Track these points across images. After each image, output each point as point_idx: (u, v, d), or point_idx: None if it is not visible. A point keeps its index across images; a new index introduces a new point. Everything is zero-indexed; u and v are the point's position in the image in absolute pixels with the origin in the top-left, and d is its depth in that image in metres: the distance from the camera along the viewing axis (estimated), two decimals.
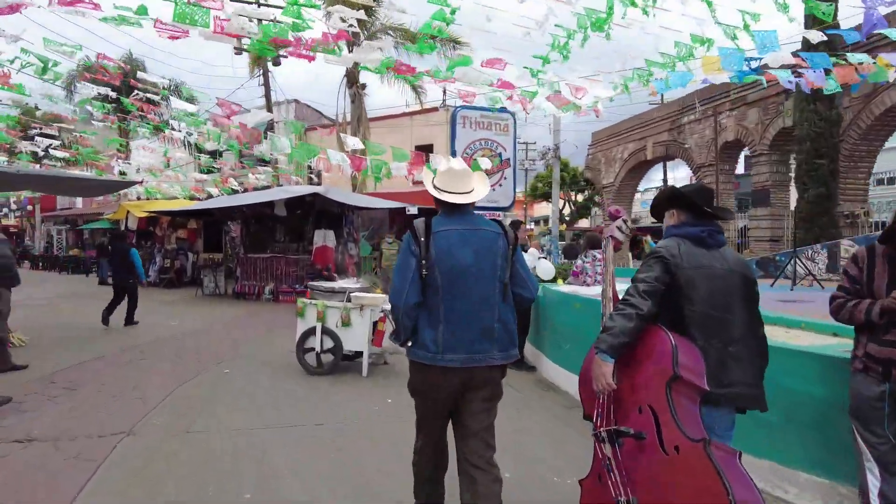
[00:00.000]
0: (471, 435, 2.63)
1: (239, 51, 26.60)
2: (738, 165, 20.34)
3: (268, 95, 26.27)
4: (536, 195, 28.09)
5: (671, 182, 36.78)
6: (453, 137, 22.25)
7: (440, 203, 2.75)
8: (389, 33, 18.78)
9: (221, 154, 23.55)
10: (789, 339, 4.00)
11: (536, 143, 31.46)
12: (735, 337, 2.32)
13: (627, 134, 23.61)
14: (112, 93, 12.93)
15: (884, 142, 14.33)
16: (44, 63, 7.76)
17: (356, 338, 6.31)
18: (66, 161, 19.90)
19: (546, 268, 7.42)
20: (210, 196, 20.08)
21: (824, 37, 5.92)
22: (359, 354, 6.48)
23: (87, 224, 30.69)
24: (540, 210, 40.75)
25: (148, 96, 12.52)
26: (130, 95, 14.19)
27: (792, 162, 15.37)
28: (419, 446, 2.79)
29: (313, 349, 6.40)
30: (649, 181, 30.35)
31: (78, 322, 9.98)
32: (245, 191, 19.36)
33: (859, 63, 5.75)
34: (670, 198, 2.63)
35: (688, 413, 2.16)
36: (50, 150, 19.33)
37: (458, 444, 2.67)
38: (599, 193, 25.84)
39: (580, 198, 30.35)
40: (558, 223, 25.43)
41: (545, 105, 11.43)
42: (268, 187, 17.77)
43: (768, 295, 5.63)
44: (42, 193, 9.59)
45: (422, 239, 2.55)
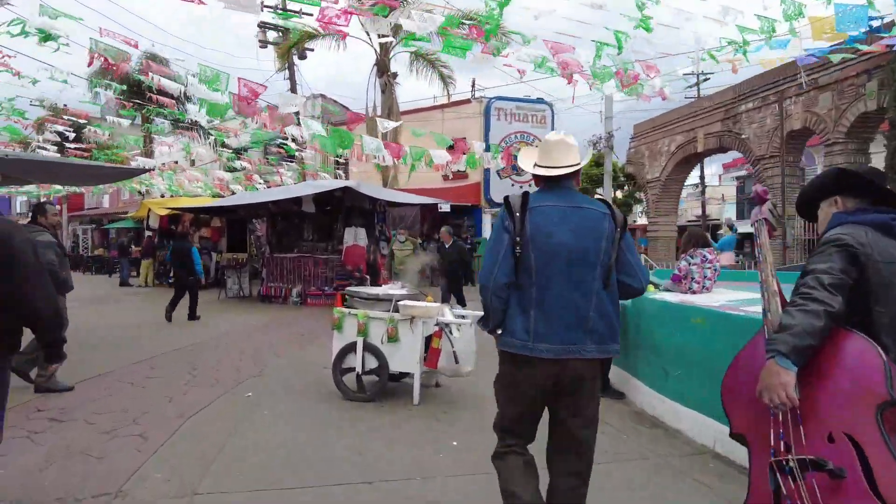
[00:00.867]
0: (559, 449, 2.49)
1: (264, 44, 25.96)
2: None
3: (294, 90, 25.43)
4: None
5: (708, 178, 34.97)
6: (487, 130, 21.05)
7: (538, 178, 2.55)
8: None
9: (246, 150, 22.77)
10: None
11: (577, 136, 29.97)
12: None
13: (674, 125, 22.06)
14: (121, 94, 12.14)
15: None
16: (43, 33, 6.82)
17: (405, 356, 5.13)
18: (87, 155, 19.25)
19: None
20: (234, 194, 19.27)
21: None
22: (404, 375, 5.33)
23: (112, 223, 30.27)
24: None
25: (162, 87, 11.68)
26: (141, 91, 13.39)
27: (874, 151, 13.78)
28: (502, 453, 2.51)
29: (353, 369, 5.25)
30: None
31: (91, 328, 9.01)
32: (269, 188, 18.47)
33: None
34: (838, 179, 2.25)
35: None
36: (66, 146, 18.72)
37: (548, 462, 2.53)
38: (643, 189, 24.32)
39: (619, 194, 28.74)
40: None
41: (608, 87, 10.24)
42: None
43: None
44: (46, 183, 8.66)
45: (517, 214, 2.38)
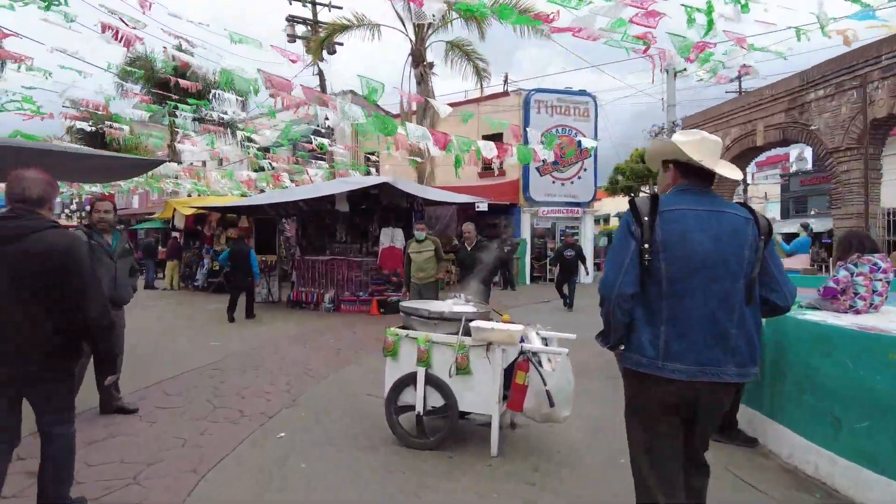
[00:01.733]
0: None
1: (292, 38, 25.18)
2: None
3: (322, 86, 24.58)
4: (618, 188, 25.23)
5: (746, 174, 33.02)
6: (526, 124, 19.81)
7: (682, 174, 2.30)
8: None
9: (273, 150, 21.93)
10: None
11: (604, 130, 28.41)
12: None
13: (730, 117, 20.52)
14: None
15: None
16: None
17: (479, 394, 3.99)
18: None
19: None
20: (262, 193, 18.42)
21: None
22: (460, 414, 4.20)
23: (140, 224, 29.85)
24: (611, 206, 37.51)
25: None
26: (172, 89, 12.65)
27: None
28: (647, 484, 2.25)
29: (412, 408, 4.14)
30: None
31: None
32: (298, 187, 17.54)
33: None
34: None
35: None
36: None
37: None
38: None
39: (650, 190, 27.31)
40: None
41: (678, 63, 8.96)
42: None
43: None
44: (58, 180, 7.80)
45: (645, 219, 2.17)
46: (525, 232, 20.89)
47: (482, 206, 19.76)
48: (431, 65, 17.20)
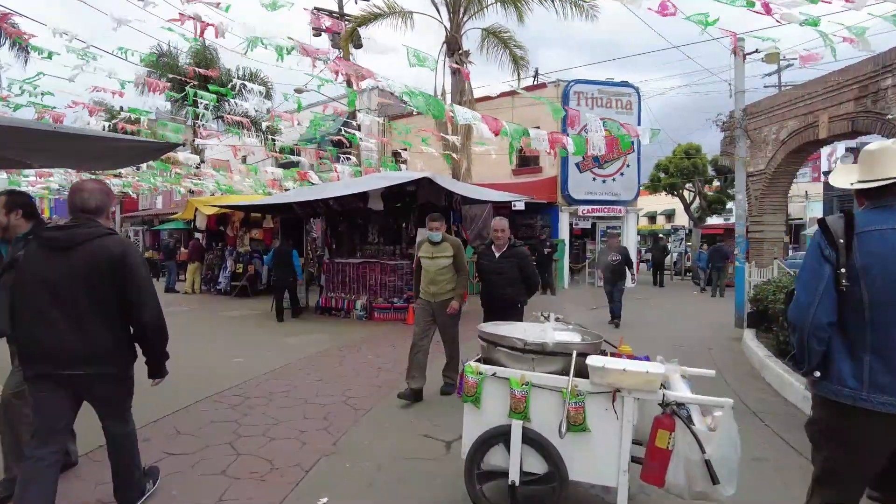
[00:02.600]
0: None
1: (318, 32, 24.27)
2: None
3: (349, 83, 23.63)
4: (660, 186, 23.77)
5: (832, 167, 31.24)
6: (566, 117, 18.61)
7: (865, 193, 2.21)
8: None
9: (299, 152, 21.02)
10: None
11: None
12: None
13: (787, 108, 19.01)
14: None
15: None
16: None
17: (600, 458, 2.86)
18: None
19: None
20: (287, 191, 17.50)
21: None
22: (554, 480, 3.06)
23: (163, 224, 29.31)
24: (654, 204, 35.73)
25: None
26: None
27: None
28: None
29: (503, 474, 3.03)
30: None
31: None
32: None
33: None
34: None
35: None
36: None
37: None
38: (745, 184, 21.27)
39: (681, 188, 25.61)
40: (689, 218, 21.01)
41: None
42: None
43: None
44: (46, 165, 6.87)
45: (840, 241, 2.08)
46: (563, 232, 19.65)
47: (518, 205, 18.60)
48: (467, 53, 16.08)
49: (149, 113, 12.99)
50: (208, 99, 13.56)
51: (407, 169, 21.74)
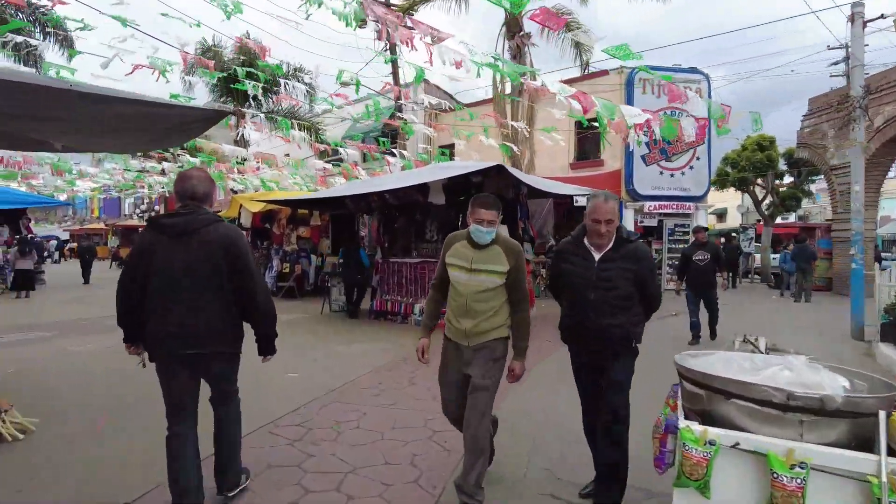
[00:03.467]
0: None
1: (363, 22, 23.39)
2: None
3: (395, 73, 22.76)
4: (728, 182, 21.96)
5: None
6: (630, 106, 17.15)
7: None
8: None
9: (349, 139, 20.17)
10: None
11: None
12: None
13: (880, 95, 17.13)
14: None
15: None
16: None
17: None
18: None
19: None
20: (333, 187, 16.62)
21: None
22: None
23: None
24: (727, 201, 33.42)
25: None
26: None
27: None
28: None
29: None
30: None
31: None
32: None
33: None
34: None
35: None
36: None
37: None
38: (827, 178, 19.34)
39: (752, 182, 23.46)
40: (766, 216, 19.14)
41: None
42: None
43: None
44: (81, 148, 5.86)
45: None
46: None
47: (581, 201, 17.25)
48: (529, 35, 14.86)
49: (192, 99, 12.24)
50: (255, 88, 12.73)
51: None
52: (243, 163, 19.03)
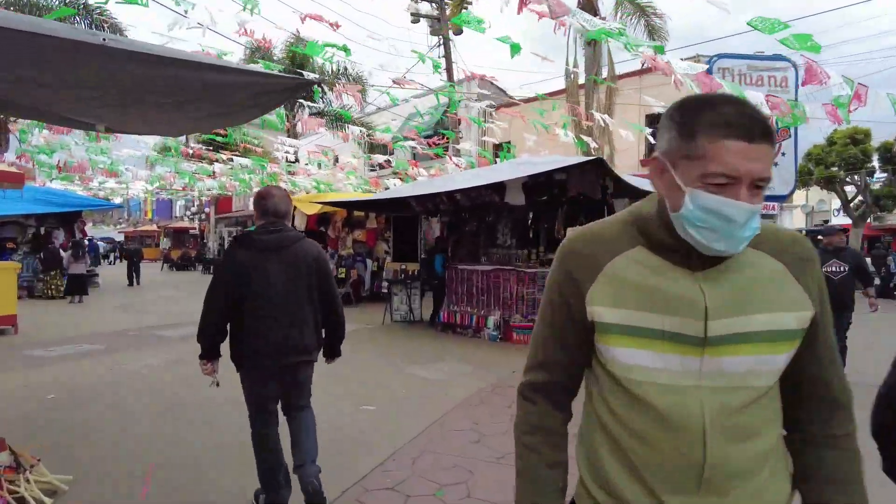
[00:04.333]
0: None
1: (416, 18, 22.63)
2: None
3: (449, 69, 21.83)
4: (811, 180, 20.07)
5: None
6: None
7: None
8: None
9: (391, 153, 19.32)
10: None
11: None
12: None
13: None
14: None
15: None
16: None
17: None
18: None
19: None
20: (387, 189, 15.75)
21: None
22: None
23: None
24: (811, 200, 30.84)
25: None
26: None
27: None
28: None
29: None
30: None
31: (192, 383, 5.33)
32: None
33: None
34: None
35: None
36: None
37: None
38: None
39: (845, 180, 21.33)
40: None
41: None
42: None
43: None
44: (127, 129, 4.89)
45: None
46: None
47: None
48: (603, 20, 13.61)
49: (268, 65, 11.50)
50: (315, 93, 11.98)
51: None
52: (294, 164, 18.42)
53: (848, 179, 19.79)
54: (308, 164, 17.25)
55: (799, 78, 17.67)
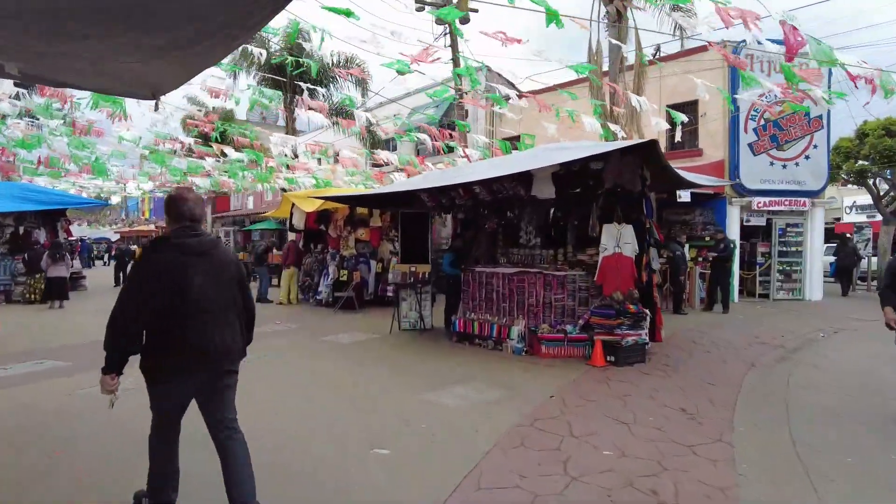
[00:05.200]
0: None
1: (421, 5, 21.52)
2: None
3: (455, 58, 20.68)
4: (839, 175, 18.89)
5: None
6: (735, 86, 14.59)
7: None
8: None
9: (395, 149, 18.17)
10: None
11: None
12: None
13: None
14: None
15: None
16: None
17: None
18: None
19: None
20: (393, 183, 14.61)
21: None
22: None
23: (255, 224, 27.66)
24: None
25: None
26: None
27: None
28: None
29: None
30: None
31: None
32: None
33: None
34: None
35: None
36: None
37: None
38: None
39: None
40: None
41: None
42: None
43: None
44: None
45: None
46: (733, 231, 15.54)
47: (684, 197, 14.76)
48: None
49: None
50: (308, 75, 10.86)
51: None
52: (295, 159, 17.25)
53: (885, 175, 18.60)
54: (307, 160, 16.08)
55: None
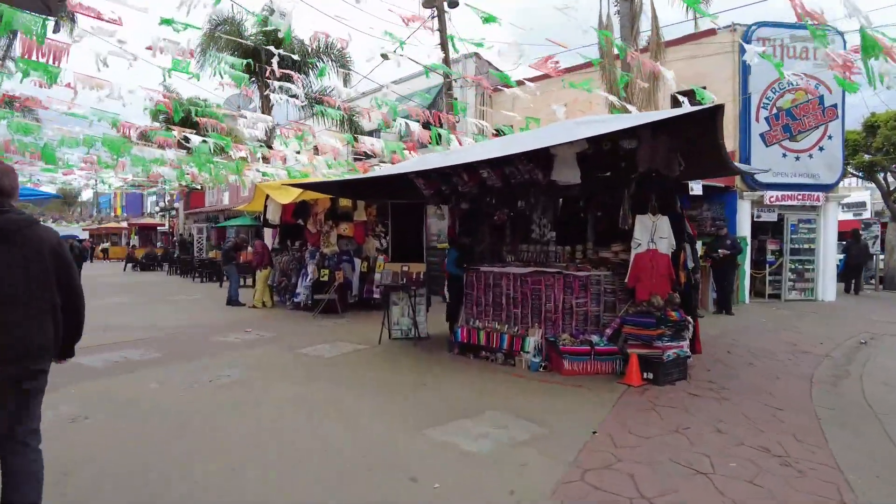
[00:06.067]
0: None
1: None
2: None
3: (444, 43, 19.34)
4: (850, 169, 18.00)
5: None
6: (745, 73, 13.38)
7: None
8: None
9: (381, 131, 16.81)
10: None
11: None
12: None
13: None
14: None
15: None
16: None
17: None
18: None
19: None
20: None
21: None
22: None
23: (229, 220, 26.04)
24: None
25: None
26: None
27: None
28: None
29: None
30: None
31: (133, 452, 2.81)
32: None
33: None
34: None
35: None
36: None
37: None
38: None
39: None
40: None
41: None
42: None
43: None
44: None
45: None
46: (743, 227, 14.48)
47: (696, 189, 13.66)
48: None
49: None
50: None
51: None
52: (269, 149, 15.70)
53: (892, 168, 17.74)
54: (283, 148, 14.59)
55: (847, 48, 15.53)
